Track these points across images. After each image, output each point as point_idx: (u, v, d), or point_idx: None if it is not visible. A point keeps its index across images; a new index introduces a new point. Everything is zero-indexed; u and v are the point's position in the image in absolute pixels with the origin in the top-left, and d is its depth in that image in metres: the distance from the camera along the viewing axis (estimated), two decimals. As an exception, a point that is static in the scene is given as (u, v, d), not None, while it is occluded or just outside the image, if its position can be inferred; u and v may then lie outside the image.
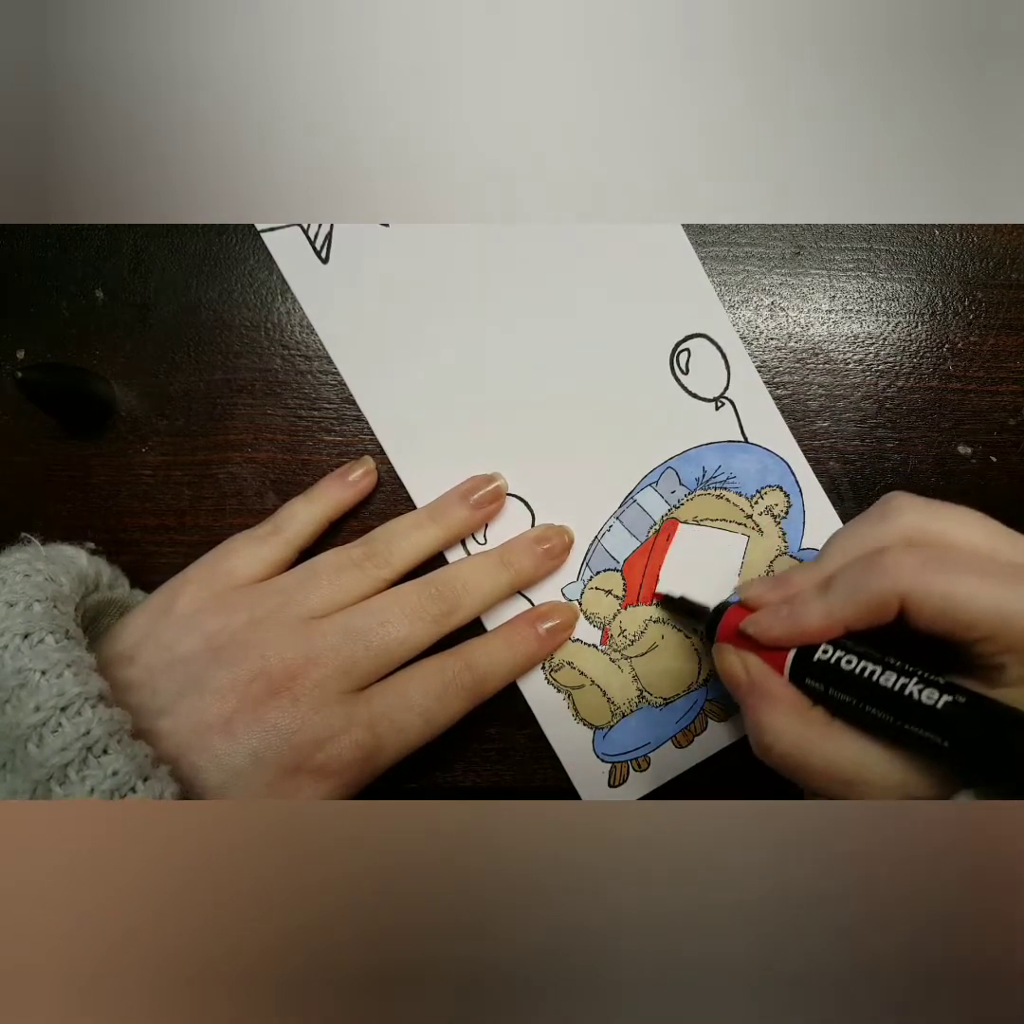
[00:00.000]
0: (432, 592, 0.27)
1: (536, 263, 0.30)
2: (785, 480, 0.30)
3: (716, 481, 0.30)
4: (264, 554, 0.28)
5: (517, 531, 0.30)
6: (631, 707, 0.30)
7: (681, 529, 0.30)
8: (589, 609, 0.30)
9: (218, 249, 0.31)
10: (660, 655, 0.30)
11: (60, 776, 0.20)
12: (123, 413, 0.31)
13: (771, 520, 0.30)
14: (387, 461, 0.30)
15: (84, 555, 0.26)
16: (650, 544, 0.30)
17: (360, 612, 0.26)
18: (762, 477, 0.30)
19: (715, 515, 0.30)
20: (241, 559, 0.27)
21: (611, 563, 0.30)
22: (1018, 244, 0.31)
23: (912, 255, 0.31)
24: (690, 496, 0.30)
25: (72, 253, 0.31)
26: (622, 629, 0.30)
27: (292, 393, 0.31)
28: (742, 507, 0.30)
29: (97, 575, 0.27)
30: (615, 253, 0.30)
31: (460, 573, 0.28)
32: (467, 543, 0.30)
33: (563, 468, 0.30)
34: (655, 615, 0.30)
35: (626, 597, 0.30)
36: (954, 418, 0.31)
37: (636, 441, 0.30)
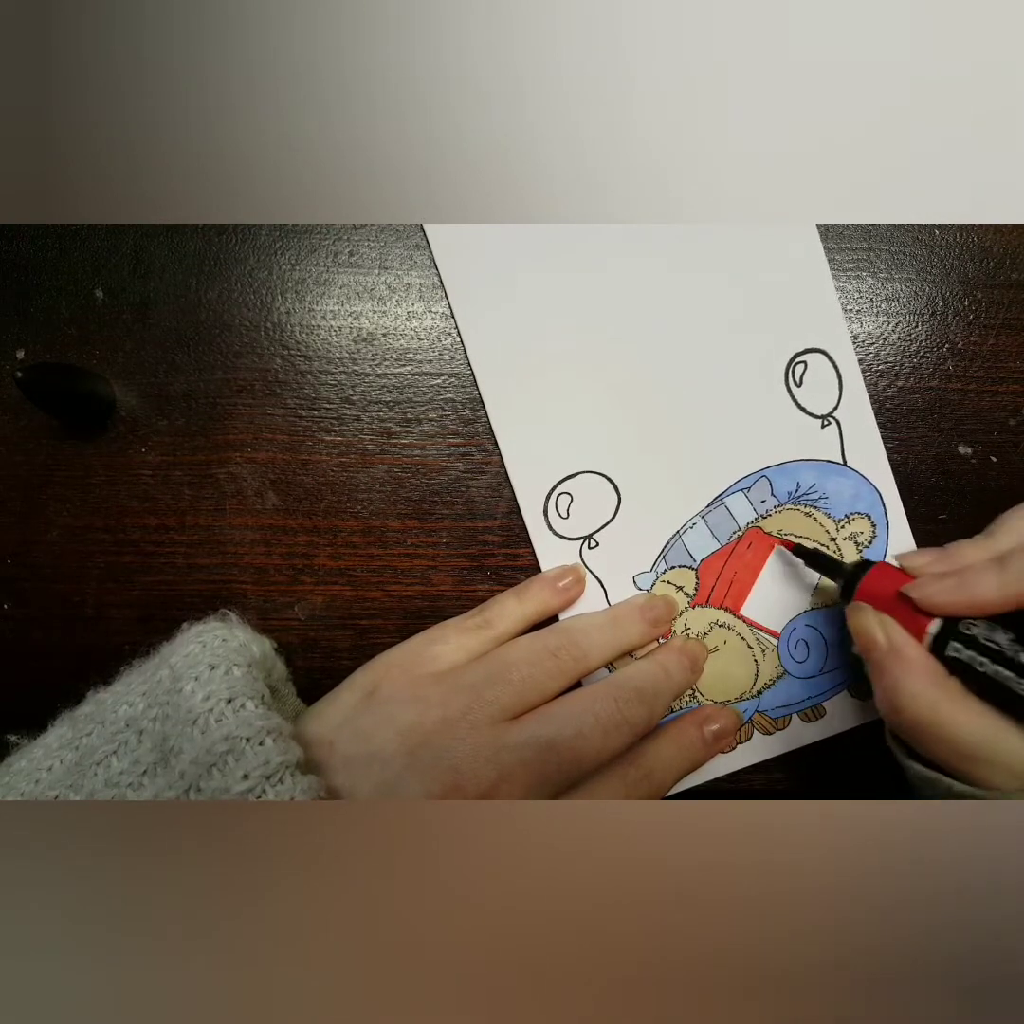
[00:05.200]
0: (630, 696, 0.27)
1: (675, 262, 0.30)
2: (875, 510, 0.30)
3: (808, 498, 0.30)
4: (471, 646, 0.28)
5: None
6: (681, 705, 0.30)
7: (763, 540, 0.30)
8: None
9: (218, 249, 0.31)
10: (719, 659, 0.30)
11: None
12: (123, 413, 0.31)
13: (854, 547, 0.30)
14: (495, 445, 0.30)
15: (268, 643, 0.27)
16: (730, 549, 0.30)
17: (553, 722, 0.26)
18: (853, 503, 0.30)
19: (800, 531, 0.30)
20: (448, 647, 0.28)
21: (688, 560, 0.30)
22: (1018, 244, 0.31)
23: (912, 255, 0.31)
24: (779, 508, 0.30)
25: (72, 253, 0.31)
26: (687, 627, 0.30)
27: (292, 393, 0.31)
28: (828, 529, 0.30)
29: (272, 667, 0.27)
30: (743, 253, 0.30)
31: (648, 673, 0.28)
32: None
33: (658, 458, 0.30)
34: (721, 619, 0.30)
35: (696, 596, 0.30)
36: (954, 418, 0.31)
37: (736, 444, 0.30)
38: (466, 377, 0.31)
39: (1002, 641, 0.23)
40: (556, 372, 0.30)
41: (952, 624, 0.24)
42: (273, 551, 0.31)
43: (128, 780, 0.22)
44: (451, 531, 0.31)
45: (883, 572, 0.26)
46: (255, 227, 0.31)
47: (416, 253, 0.31)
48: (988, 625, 0.24)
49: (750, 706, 0.30)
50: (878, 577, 0.26)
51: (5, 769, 0.24)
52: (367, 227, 0.31)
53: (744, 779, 0.31)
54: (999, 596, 0.23)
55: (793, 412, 0.30)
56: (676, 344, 0.30)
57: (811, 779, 0.31)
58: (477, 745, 0.25)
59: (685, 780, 0.30)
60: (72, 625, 0.31)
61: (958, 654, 0.24)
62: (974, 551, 0.25)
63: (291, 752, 0.22)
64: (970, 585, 0.24)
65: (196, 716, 0.22)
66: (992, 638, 0.23)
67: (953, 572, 0.24)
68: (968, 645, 0.23)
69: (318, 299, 0.31)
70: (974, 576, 0.24)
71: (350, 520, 0.31)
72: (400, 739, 0.25)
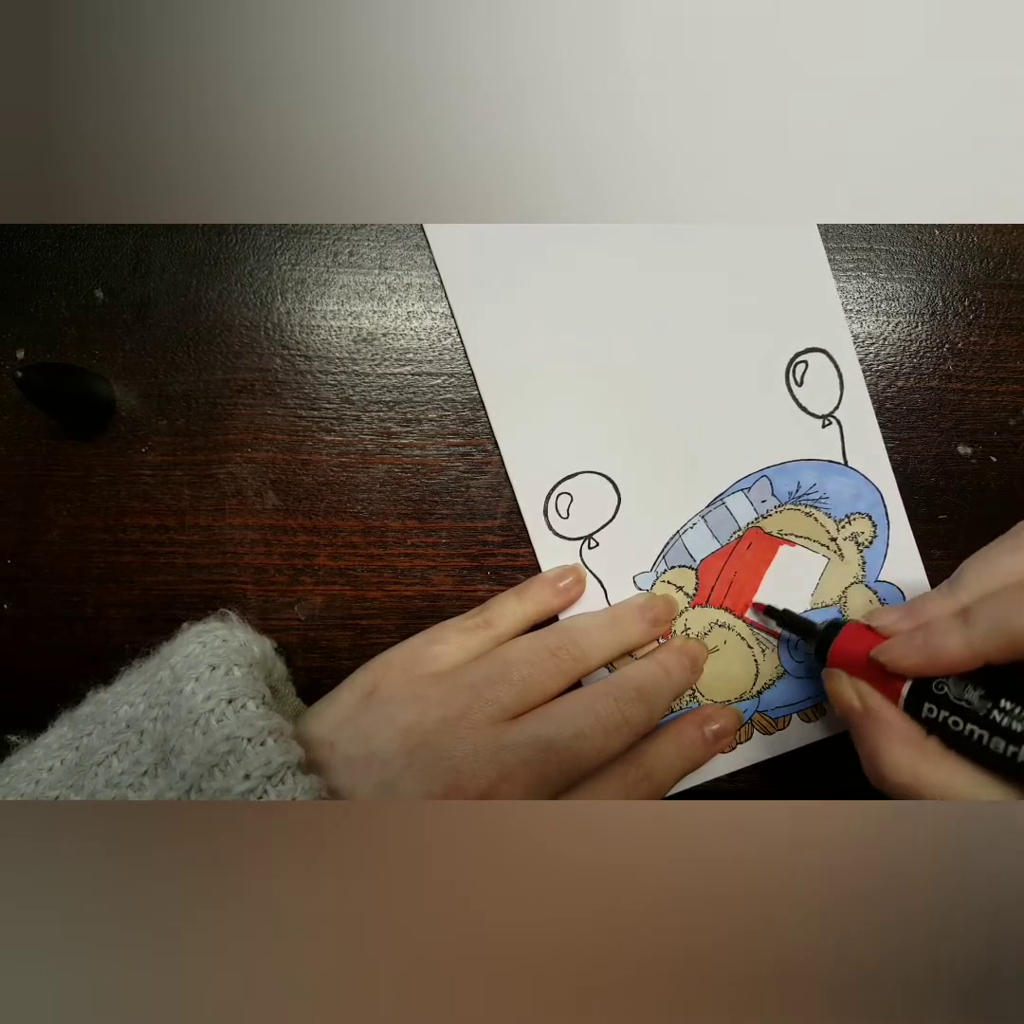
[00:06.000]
0: (630, 696, 0.27)
1: (676, 262, 0.30)
2: (876, 510, 0.30)
3: (808, 498, 0.30)
4: (472, 646, 0.28)
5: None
6: (681, 705, 0.30)
7: (763, 540, 0.30)
8: None
9: (218, 249, 0.31)
10: (719, 659, 0.30)
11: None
12: (123, 413, 0.31)
13: (854, 547, 0.30)
14: (495, 445, 0.30)
15: (268, 643, 0.27)
16: (730, 549, 0.30)
17: (554, 722, 0.26)
18: (854, 503, 0.30)
19: (800, 531, 0.30)
20: (448, 647, 0.28)
21: (688, 560, 0.30)
22: (1018, 244, 0.31)
23: (912, 255, 0.31)
24: (779, 508, 0.30)
25: (72, 253, 0.31)
26: (687, 627, 0.30)
27: (292, 393, 0.31)
28: (828, 529, 0.30)
29: (273, 667, 0.27)
30: (743, 252, 0.30)
31: (648, 673, 0.28)
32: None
33: (658, 458, 0.30)
34: (721, 619, 0.30)
35: (696, 596, 0.30)
36: (954, 418, 0.31)
37: (736, 443, 0.30)
38: (466, 377, 0.31)
39: (973, 699, 0.23)
40: (556, 372, 0.30)
41: (924, 684, 0.24)
42: (273, 551, 0.31)
43: (129, 781, 0.22)
44: (451, 531, 0.31)
45: (853, 634, 0.26)
46: (255, 227, 0.31)
47: (416, 253, 0.31)
48: (958, 683, 0.23)
49: (750, 706, 0.30)
50: (848, 640, 0.26)
51: (5, 769, 0.24)
52: (367, 227, 0.31)
53: (744, 779, 0.31)
54: (966, 654, 0.23)
55: (794, 412, 0.30)
56: (676, 344, 0.30)
57: (811, 779, 0.31)
58: (477, 745, 0.25)
59: (685, 780, 0.30)
60: (72, 625, 0.31)
61: (932, 714, 0.23)
62: (939, 605, 0.24)
63: (292, 752, 0.22)
64: (935, 646, 0.23)
65: (197, 716, 0.22)
66: (962, 696, 0.23)
67: (919, 630, 0.24)
68: (940, 704, 0.23)
69: (318, 299, 0.31)
70: (939, 637, 0.23)
71: (350, 520, 0.31)
72: (400, 739, 0.25)
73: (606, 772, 0.27)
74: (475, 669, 0.27)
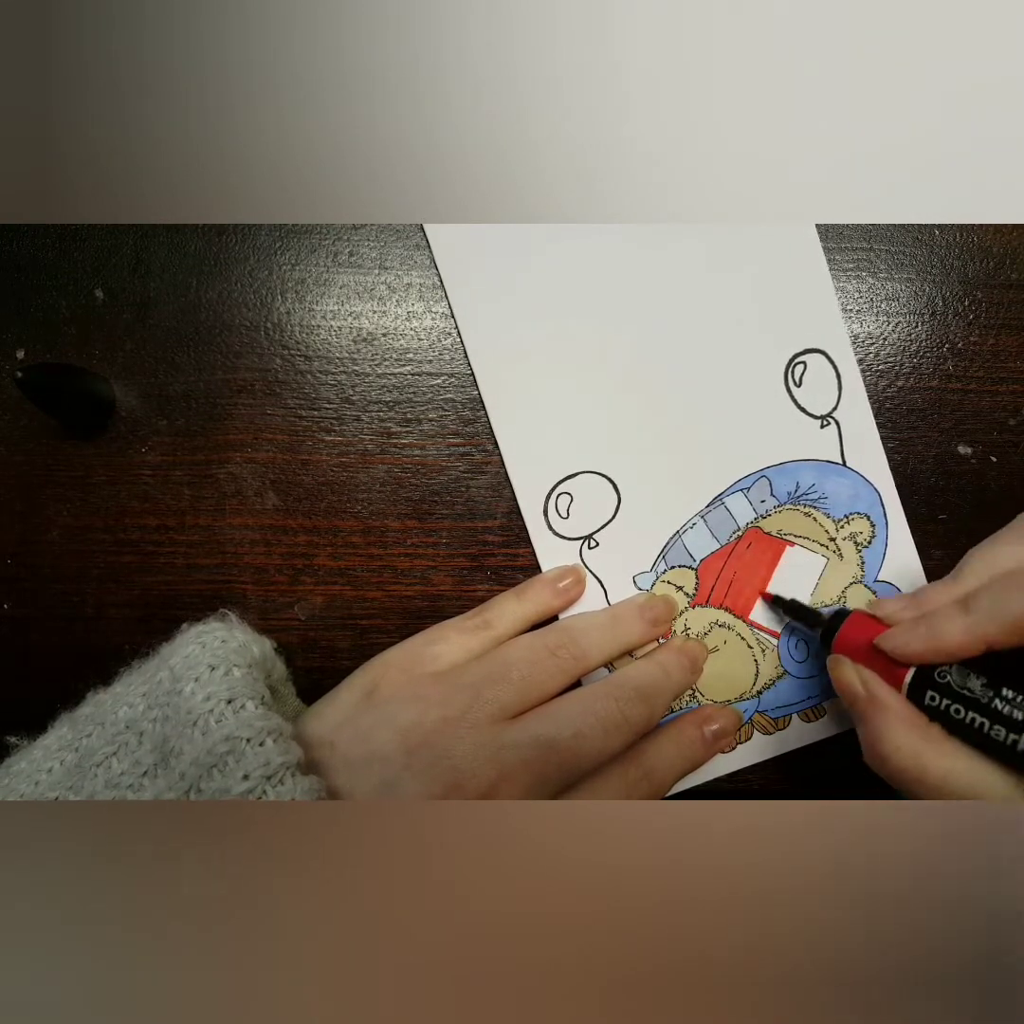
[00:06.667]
0: (630, 696, 0.27)
1: (675, 262, 0.30)
2: (874, 510, 0.30)
3: (807, 498, 0.30)
4: (472, 646, 0.28)
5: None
6: (681, 705, 0.30)
7: (763, 540, 0.30)
8: None
9: (218, 249, 0.31)
10: (719, 659, 0.30)
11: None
12: (123, 413, 0.31)
13: (853, 547, 0.30)
14: (495, 445, 0.30)
15: (268, 643, 0.27)
16: (729, 548, 0.30)
17: (554, 721, 0.26)
18: (852, 503, 0.30)
19: (799, 531, 0.30)
20: (448, 647, 0.28)
21: (688, 560, 0.30)
22: (1018, 244, 0.31)
23: (912, 255, 0.31)
24: (779, 508, 0.30)
25: (72, 253, 0.31)
26: (687, 627, 0.30)
27: (292, 393, 0.31)
28: (827, 529, 0.30)
29: (272, 668, 0.27)
30: (742, 253, 0.30)
31: (648, 673, 0.28)
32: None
33: (658, 458, 0.30)
34: (721, 618, 0.30)
35: (696, 596, 0.30)
36: (954, 418, 0.31)
37: (736, 444, 0.30)
38: (466, 377, 0.31)
39: (974, 687, 0.23)
40: (556, 372, 0.30)
41: (927, 672, 0.24)
42: (273, 551, 0.31)
43: (128, 781, 0.22)
44: (451, 531, 0.31)
45: (857, 622, 0.26)
46: (255, 227, 0.31)
47: (416, 253, 0.31)
48: (960, 671, 0.24)
49: (750, 706, 0.30)
50: (853, 628, 0.26)
51: (4, 771, 0.24)
52: (367, 227, 0.31)
53: (744, 779, 0.31)
54: (967, 640, 0.23)
55: (793, 412, 0.30)
56: (676, 344, 0.30)
57: (811, 779, 0.31)
58: (477, 744, 0.25)
59: (685, 780, 0.30)
60: (72, 625, 0.31)
61: (934, 702, 0.24)
62: (942, 594, 0.25)
63: (292, 753, 0.22)
64: (938, 633, 0.24)
65: (196, 717, 0.22)
66: (965, 685, 0.23)
67: (922, 618, 0.24)
68: (943, 693, 0.24)
69: (318, 299, 0.31)
70: (941, 623, 0.24)
71: (350, 520, 0.31)
72: (400, 739, 0.25)
73: (606, 772, 0.27)
74: (475, 669, 0.27)
